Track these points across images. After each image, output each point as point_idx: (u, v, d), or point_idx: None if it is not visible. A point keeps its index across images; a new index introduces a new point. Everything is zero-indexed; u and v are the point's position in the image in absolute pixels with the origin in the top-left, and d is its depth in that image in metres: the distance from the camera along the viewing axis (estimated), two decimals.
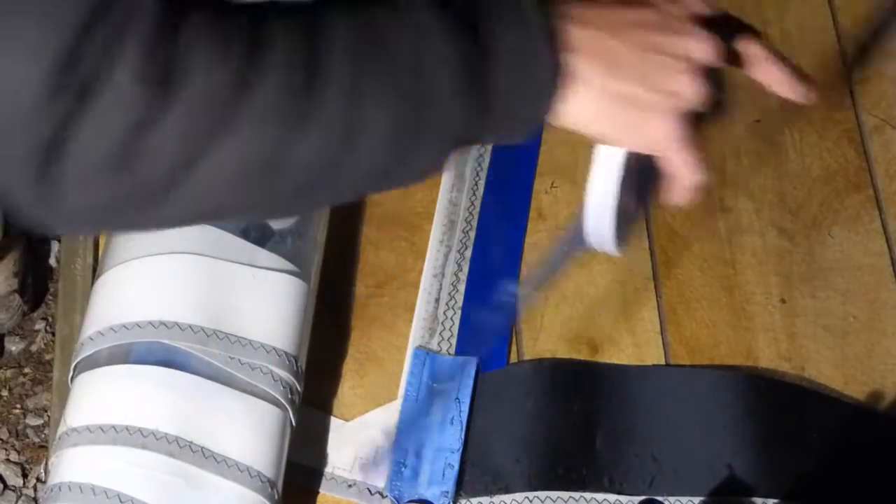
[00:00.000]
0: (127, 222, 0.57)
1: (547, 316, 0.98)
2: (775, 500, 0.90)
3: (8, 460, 0.96)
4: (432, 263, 0.99)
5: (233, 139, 0.50)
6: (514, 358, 0.96)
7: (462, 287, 0.98)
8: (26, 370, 1.00)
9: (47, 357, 1.00)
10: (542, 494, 0.89)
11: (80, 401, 0.79)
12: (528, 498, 0.89)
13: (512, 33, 0.54)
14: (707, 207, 1.05)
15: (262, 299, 0.82)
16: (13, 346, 1.01)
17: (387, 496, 0.88)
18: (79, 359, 0.81)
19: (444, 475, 0.89)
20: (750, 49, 0.64)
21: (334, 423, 0.91)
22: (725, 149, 1.08)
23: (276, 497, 0.80)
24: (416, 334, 0.96)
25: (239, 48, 0.49)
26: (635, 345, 0.98)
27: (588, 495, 0.89)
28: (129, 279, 0.82)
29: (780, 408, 0.95)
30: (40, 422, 0.98)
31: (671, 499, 0.89)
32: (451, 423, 0.91)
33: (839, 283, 1.01)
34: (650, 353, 0.97)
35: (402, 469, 0.89)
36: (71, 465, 0.77)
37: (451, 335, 0.96)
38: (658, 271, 1.02)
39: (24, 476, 0.96)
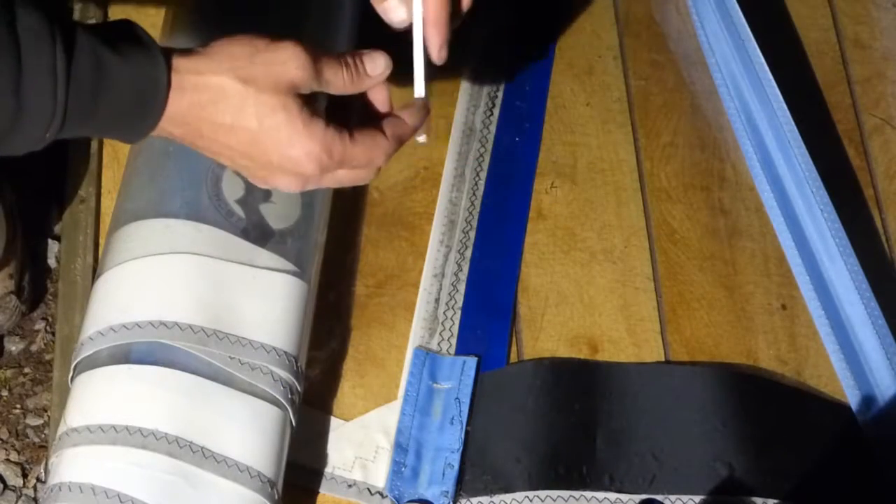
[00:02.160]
0: None
1: (547, 316, 0.98)
2: (775, 501, 0.90)
3: (8, 460, 0.96)
4: (432, 263, 0.99)
5: None
6: (514, 358, 0.96)
7: (462, 287, 0.98)
8: (26, 370, 1.00)
9: (47, 357, 1.00)
10: (543, 494, 0.89)
11: (80, 401, 0.79)
12: (528, 497, 0.89)
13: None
14: (707, 208, 1.05)
15: (262, 299, 0.82)
16: (13, 346, 1.01)
17: (387, 496, 0.89)
18: (79, 359, 0.81)
19: (444, 475, 0.89)
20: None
21: (334, 423, 0.91)
22: (723, 150, 1.08)
23: (276, 497, 0.80)
24: (416, 334, 0.96)
25: None
26: (635, 345, 0.98)
27: (588, 494, 0.89)
28: (129, 279, 0.82)
29: (780, 408, 0.95)
30: (40, 422, 0.98)
31: (672, 497, 0.90)
32: (451, 423, 0.91)
33: None
34: (650, 353, 0.97)
35: (402, 469, 0.89)
36: (71, 465, 0.77)
37: (451, 335, 0.96)
38: (658, 271, 1.02)
39: (24, 476, 0.96)
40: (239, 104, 0.67)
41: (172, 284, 0.81)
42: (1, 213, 0.94)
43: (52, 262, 1.03)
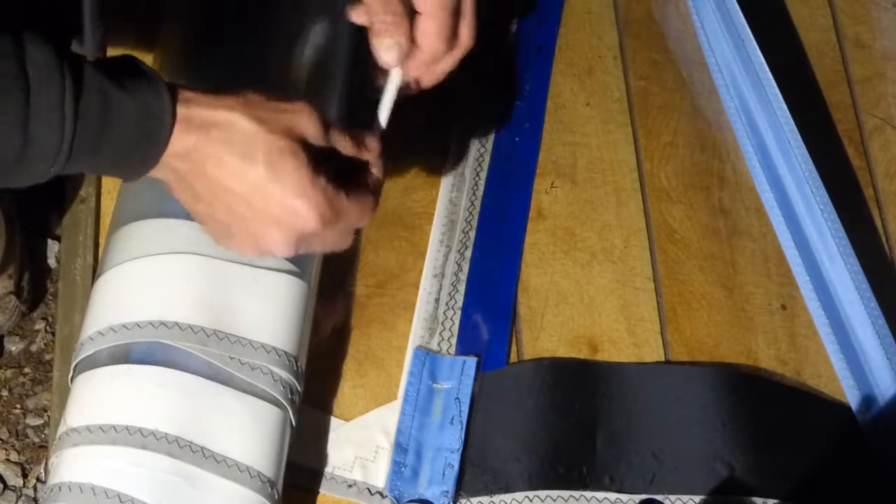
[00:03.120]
0: None
1: (547, 316, 0.98)
2: (775, 501, 0.90)
3: (8, 460, 0.96)
4: (432, 263, 0.99)
5: None
6: (514, 358, 0.96)
7: (462, 287, 0.98)
8: (26, 370, 1.00)
9: (47, 357, 1.00)
10: (543, 494, 0.89)
11: (80, 401, 0.79)
12: (528, 497, 0.89)
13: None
14: (707, 208, 1.05)
15: (262, 299, 0.82)
16: (13, 346, 1.01)
17: (387, 496, 0.89)
18: (79, 359, 0.81)
19: (444, 475, 0.89)
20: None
21: (334, 423, 0.91)
22: (723, 150, 1.08)
23: (276, 497, 0.80)
24: (416, 334, 0.96)
25: None
26: (635, 345, 0.98)
27: (588, 494, 0.89)
28: (129, 279, 0.82)
29: (780, 408, 0.95)
30: (40, 422, 0.98)
31: (671, 497, 0.90)
32: (451, 423, 0.91)
33: None
34: (650, 353, 0.97)
35: (402, 469, 0.89)
36: (71, 465, 0.77)
37: (451, 335, 0.96)
38: (658, 271, 1.02)
39: (24, 476, 0.96)
40: (249, 143, 0.66)
41: (172, 284, 0.81)
42: (0, 216, 0.94)
43: (52, 262, 1.03)
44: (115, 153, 0.65)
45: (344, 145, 0.71)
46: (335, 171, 0.70)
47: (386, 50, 0.76)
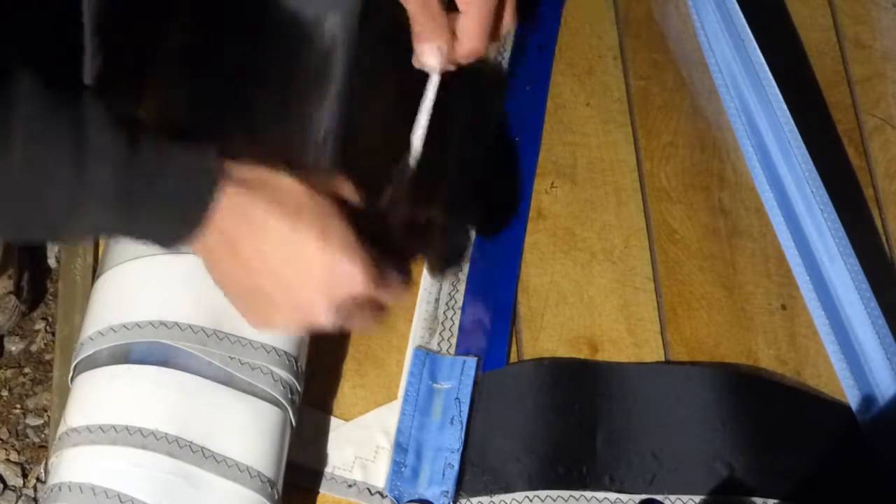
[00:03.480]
0: None
1: (547, 316, 0.98)
2: (775, 501, 0.90)
3: (8, 460, 0.96)
4: None
5: None
6: (514, 358, 0.96)
7: (462, 287, 0.98)
8: (26, 370, 1.00)
9: (47, 357, 1.00)
10: (543, 493, 0.89)
11: (80, 401, 0.79)
12: (528, 497, 0.89)
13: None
14: (707, 208, 1.05)
15: None
16: (13, 346, 1.01)
17: (387, 496, 0.89)
18: (79, 359, 0.81)
19: (444, 475, 0.89)
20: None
21: (334, 423, 0.91)
22: (723, 150, 1.08)
23: (276, 497, 0.80)
24: (416, 334, 0.96)
25: None
26: (635, 345, 0.98)
27: (588, 494, 0.89)
28: (129, 279, 0.82)
29: (780, 408, 0.95)
30: (40, 422, 0.98)
31: (672, 497, 0.90)
32: (451, 423, 0.91)
33: None
34: (650, 353, 0.97)
35: (402, 469, 0.89)
36: (71, 465, 0.77)
37: (451, 335, 0.96)
38: (658, 271, 1.02)
39: (24, 476, 0.96)
40: (298, 204, 0.66)
41: (172, 284, 0.81)
42: None
43: (52, 262, 1.04)
44: (166, 206, 0.64)
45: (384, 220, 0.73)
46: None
47: (428, 54, 0.77)
